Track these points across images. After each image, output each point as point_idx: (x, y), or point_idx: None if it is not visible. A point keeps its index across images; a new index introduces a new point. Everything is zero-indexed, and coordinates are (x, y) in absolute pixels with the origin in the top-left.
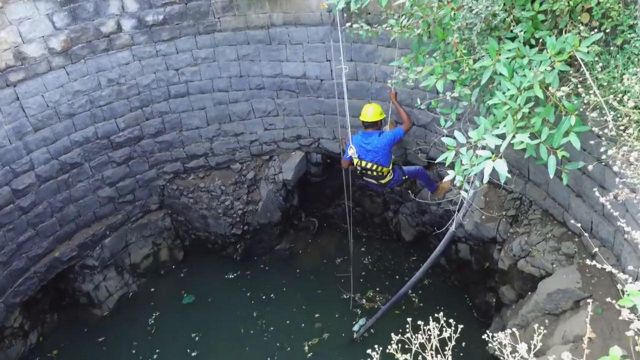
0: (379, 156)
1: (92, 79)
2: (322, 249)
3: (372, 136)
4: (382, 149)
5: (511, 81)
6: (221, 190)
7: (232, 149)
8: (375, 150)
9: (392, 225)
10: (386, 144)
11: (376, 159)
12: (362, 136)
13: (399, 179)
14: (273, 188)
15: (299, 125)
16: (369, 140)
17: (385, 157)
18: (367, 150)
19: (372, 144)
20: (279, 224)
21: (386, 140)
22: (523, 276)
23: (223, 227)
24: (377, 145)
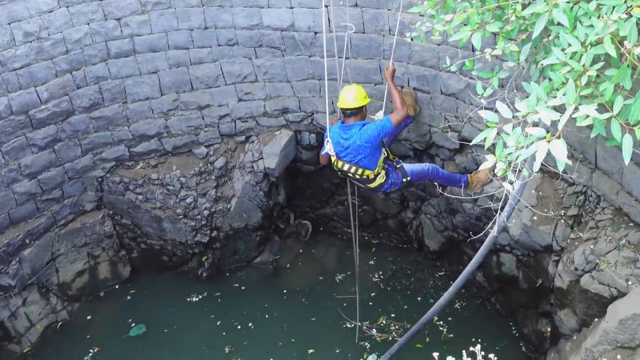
0: (360, 156)
1: (2, 32)
2: (318, 262)
3: (352, 129)
4: (363, 147)
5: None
6: (181, 183)
7: (194, 128)
8: (355, 148)
9: (412, 229)
10: (369, 139)
11: (356, 159)
12: (340, 128)
13: (398, 182)
14: (251, 180)
15: (285, 94)
16: (348, 134)
17: (368, 158)
18: (345, 148)
19: (351, 139)
20: (260, 229)
21: (369, 135)
22: (587, 297)
23: (183, 233)
24: (357, 141)
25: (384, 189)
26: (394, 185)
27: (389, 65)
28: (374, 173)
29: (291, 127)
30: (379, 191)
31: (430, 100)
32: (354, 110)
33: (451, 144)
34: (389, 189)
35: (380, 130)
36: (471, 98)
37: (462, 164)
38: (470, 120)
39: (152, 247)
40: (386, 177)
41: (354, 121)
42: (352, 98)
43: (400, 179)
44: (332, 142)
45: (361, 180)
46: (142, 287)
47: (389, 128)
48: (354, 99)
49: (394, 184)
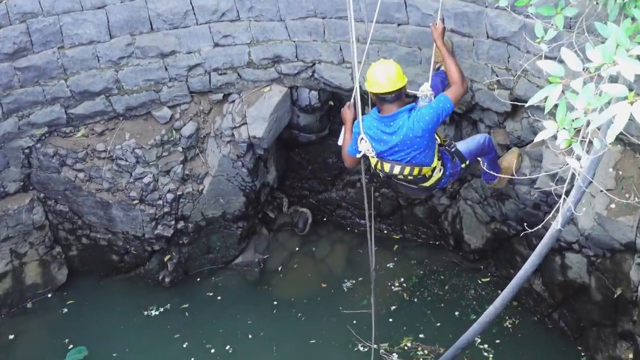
0: (415, 152)
1: None
2: (320, 264)
3: (397, 118)
4: (418, 140)
5: None
6: (136, 156)
7: (154, 82)
8: (407, 143)
9: (447, 220)
10: (425, 128)
11: (409, 156)
12: (379, 121)
13: (456, 171)
14: (230, 153)
15: (277, 37)
16: (393, 126)
17: (426, 151)
18: (391, 145)
19: (399, 132)
20: (242, 219)
21: (425, 122)
22: None
23: (139, 223)
24: (410, 133)
25: (441, 185)
26: (452, 177)
27: (436, 22)
28: (430, 169)
29: (285, 81)
30: (434, 189)
31: (472, 47)
32: (395, 94)
33: (500, 106)
34: (447, 183)
35: (440, 113)
36: (527, 44)
37: (515, 132)
38: (525, 73)
39: (96, 242)
40: (443, 170)
41: (396, 108)
42: (391, 77)
43: (459, 166)
44: (370, 139)
45: (413, 181)
46: (83, 297)
47: (449, 110)
48: (393, 77)
49: (452, 174)
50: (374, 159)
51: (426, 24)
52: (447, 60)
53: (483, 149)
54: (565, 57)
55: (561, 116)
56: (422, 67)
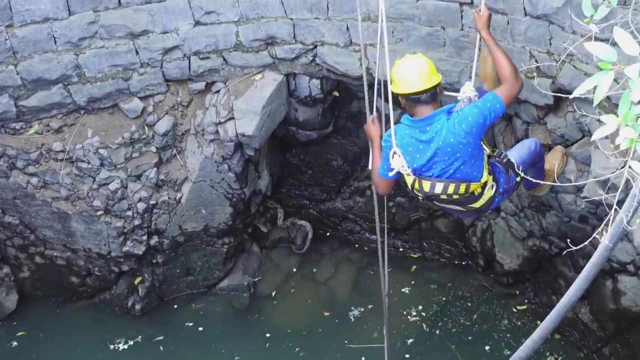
0: (458, 162)
1: None
2: (322, 288)
3: (434, 121)
4: (462, 147)
5: None
6: (100, 158)
7: (123, 68)
8: (448, 151)
9: (476, 236)
10: (469, 131)
11: (451, 169)
12: (412, 127)
13: (511, 185)
14: (215, 154)
15: (270, 14)
16: (429, 131)
17: (471, 162)
18: (429, 157)
19: (437, 138)
20: (228, 233)
21: (469, 123)
22: None
23: (104, 239)
24: (451, 138)
25: (494, 205)
26: (507, 193)
27: (479, 9)
28: (480, 184)
29: (280, 68)
30: (487, 211)
31: (506, 26)
32: (430, 92)
33: (540, 98)
34: (501, 201)
35: (487, 114)
36: (573, 23)
37: (558, 129)
38: (571, 58)
39: (53, 261)
40: (496, 186)
41: (432, 109)
42: (424, 72)
43: (514, 180)
44: (404, 152)
45: (460, 201)
46: (36, 327)
47: (499, 111)
48: (426, 72)
49: (507, 190)
50: (410, 177)
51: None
52: (496, 54)
53: (535, 156)
54: (618, 39)
55: (625, 110)
56: (447, 50)
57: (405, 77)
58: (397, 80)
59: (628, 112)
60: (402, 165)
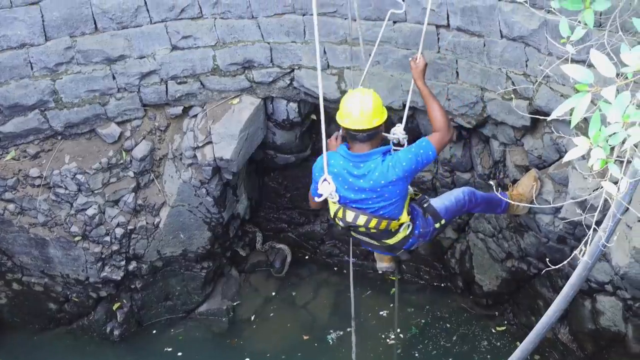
0: (385, 202)
1: None
2: (301, 312)
3: (368, 160)
4: (390, 188)
5: None
6: (78, 183)
7: (100, 94)
8: (377, 191)
9: (455, 257)
10: (401, 175)
11: (376, 206)
12: (347, 159)
13: (428, 231)
14: (192, 178)
15: (248, 38)
16: (362, 168)
17: (396, 203)
18: (357, 190)
19: (369, 176)
20: (207, 258)
21: (401, 168)
22: None
23: (82, 265)
24: (382, 179)
25: (407, 246)
26: (423, 238)
27: (416, 57)
28: (398, 223)
29: (258, 91)
30: (399, 250)
31: (483, 49)
32: (370, 133)
33: (517, 119)
34: (415, 245)
35: (420, 160)
36: (549, 44)
37: (535, 151)
38: (547, 80)
39: (30, 288)
40: (412, 227)
41: (369, 148)
42: (367, 112)
43: (432, 225)
44: (335, 181)
45: (376, 236)
46: (14, 354)
47: (430, 158)
48: (369, 113)
49: (423, 235)
50: (335, 205)
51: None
52: (430, 105)
53: (463, 204)
54: (595, 61)
55: (595, 131)
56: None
57: (348, 111)
58: (341, 112)
59: (598, 133)
60: (331, 193)
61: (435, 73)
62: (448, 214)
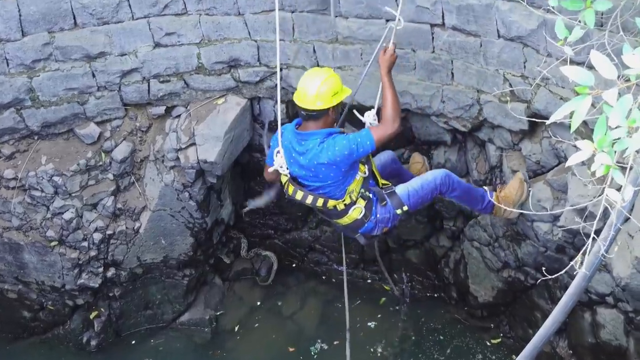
0: (319, 182)
1: None
2: (288, 322)
3: (308, 139)
4: (325, 170)
5: None
6: (55, 185)
7: (78, 92)
8: (313, 171)
9: (448, 267)
10: (332, 160)
11: (312, 185)
12: (293, 135)
13: (387, 218)
14: (175, 182)
15: (233, 35)
16: (303, 146)
17: (333, 185)
18: (299, 166)
19: (307, 155)
20: (189, 265)
21: (333, 153)
22: None
23: (58, 271)
24: (314, 160)
25: (365, 229)
26: (384, 224)
27: (386, 47)
28: (343, 202)
29: (244, 91)
30: (357, 232)
31: (479, 49)
32: (312, 113)
33: (515, 123)
34: (375, 230)
35: (354, 148)
36: (548, 45)
37: (533, 156)
38: (546, 82)
39: (4, 295)
40: (366, 212)
41: (314, 128)
42: (316, 92)
43: (392, 212)
44: (285, 154)
45: (327, 213)
46: None
47: (367, 148)
48: (318, 94)
49: (382, 221)
50: (284, 178)
51: (422, 20)
52: (386, 93)
53: (433, 190)
54: (595, 62)
55: (600, 136)
56: (417, 73)
57: (298, 87)
58: (298, 89)
59: (604, 138)
60: (281, 165)
61: (429, 74)
62: (413, 199)
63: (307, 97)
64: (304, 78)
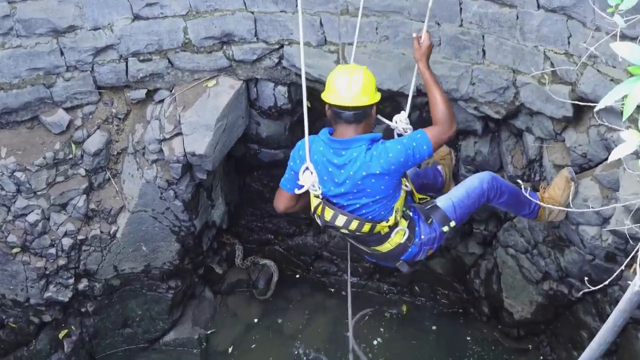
0: (367, 198)
1: None
2: (289, 342)
3: (351, 147)
4: (375, 182)
5: None
6: (17, 182)
7: (44, 72)
8: (359, 185)
9: (479, 278)
10: (387, 169)
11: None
12: (327, 145)
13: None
14: (158, 178)
15: (226, 6)
16: (343, 156)
17: (380, 202)
18: (337, 183)
19: (350, 167)
20: (175, 275)
21: (387, 160)
22: None
23: (21, 282)
24: (363, 171)
25: (407, 256)
26: (429, 246)
27: (420, 35)
28: (387, 225)
29: (239, 72)
30: (398, 260)
31: (515, 22)
32: (358, 112)
33: (557, 108)
34: (419, 255)
35: (412, 154)
36: (597, 16)
37: (579, 147)
38: (594, 61)
39: None
40: (409, 234)
41: (354, 133)
42: (356, 87)
43: (437, 230)
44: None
45: (363, 240)
46: None
47: (424, 154)
48: (358, 89)
49: (428, 242)
50: (316, 200)
51: None
52: (432, 90)
53: (480, 197)
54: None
55: None
56: (442, 51)
57: (335, 85)
58: (328, 87)
59: None
60: (314, 184)
61: (457, 51)
62: (459, 211)
63: (351, 92)
64: (338, 75)
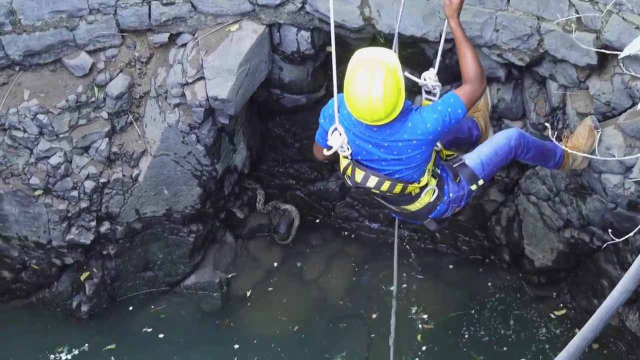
0: (404, 164)
1: None
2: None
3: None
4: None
5: None
6: (39, 125)
7: (67, 15)
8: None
9: (500, 225)
10: (421, 140)
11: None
12: None
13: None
14: (180, 122)
15: None
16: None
17: (415, 168)
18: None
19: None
20: (196, 220)
21: (425, 129)
22: None
23: (44, 225)
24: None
25: (436, 214)
26: (457, 204)
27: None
28: (419, 186)
29: (262, 16)
30: (426, 218)
31: None
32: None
33: (581, 56)
34: (446, 212)
35: (447, 120)
36: None
37: (603, 96)
38: (619, 8)
39: None
40: (438, 192)
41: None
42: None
43: (466, 188)
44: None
45: (393, 200)
46: None
47: (459, 116)
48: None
49: (456, 200)
50: (345, 160)
51: None
52: (463, 48)
53: (508, 154)
54: None
55: None
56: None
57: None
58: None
59: None
60: (342, 145)
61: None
62: (487, 170)
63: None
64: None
